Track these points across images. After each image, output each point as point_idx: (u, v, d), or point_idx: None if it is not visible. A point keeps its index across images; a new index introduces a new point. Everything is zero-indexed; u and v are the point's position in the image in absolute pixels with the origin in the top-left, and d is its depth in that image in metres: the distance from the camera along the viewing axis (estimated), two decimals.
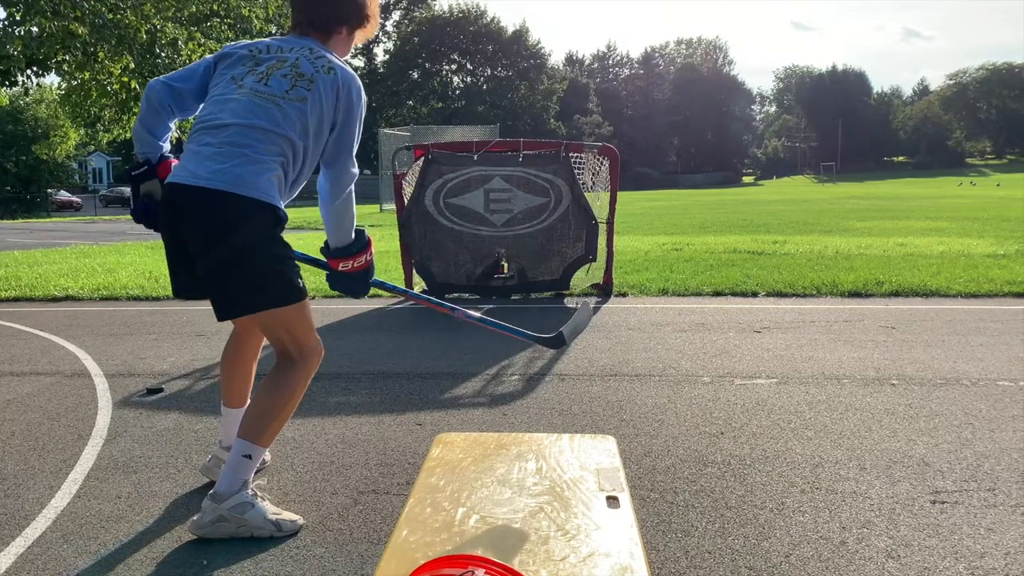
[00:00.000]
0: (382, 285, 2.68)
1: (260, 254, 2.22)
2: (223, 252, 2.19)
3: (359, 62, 66.05)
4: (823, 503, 2.50)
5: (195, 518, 2.30)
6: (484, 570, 1.38)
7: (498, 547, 1.94)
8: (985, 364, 4.24)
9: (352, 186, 2.42)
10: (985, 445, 3.00)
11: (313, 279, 7.37)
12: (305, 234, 14.73)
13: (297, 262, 2.38)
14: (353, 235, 2.44)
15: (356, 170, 2.41)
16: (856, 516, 2.40)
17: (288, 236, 2.40)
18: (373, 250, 2.51)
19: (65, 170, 44.07)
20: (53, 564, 2.18)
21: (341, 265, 2.46)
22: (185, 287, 2.39)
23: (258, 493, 2.33)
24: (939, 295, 6.54)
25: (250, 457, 2.30)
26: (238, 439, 2.31)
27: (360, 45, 2.68)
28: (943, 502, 2.49)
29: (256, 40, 2.44)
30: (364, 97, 2.41)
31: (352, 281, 2.51)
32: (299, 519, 2.38)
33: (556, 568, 1.83)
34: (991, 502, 2.49)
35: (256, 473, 2.73)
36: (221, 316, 2.29)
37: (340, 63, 2.39)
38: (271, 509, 2.34)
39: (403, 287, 2.70)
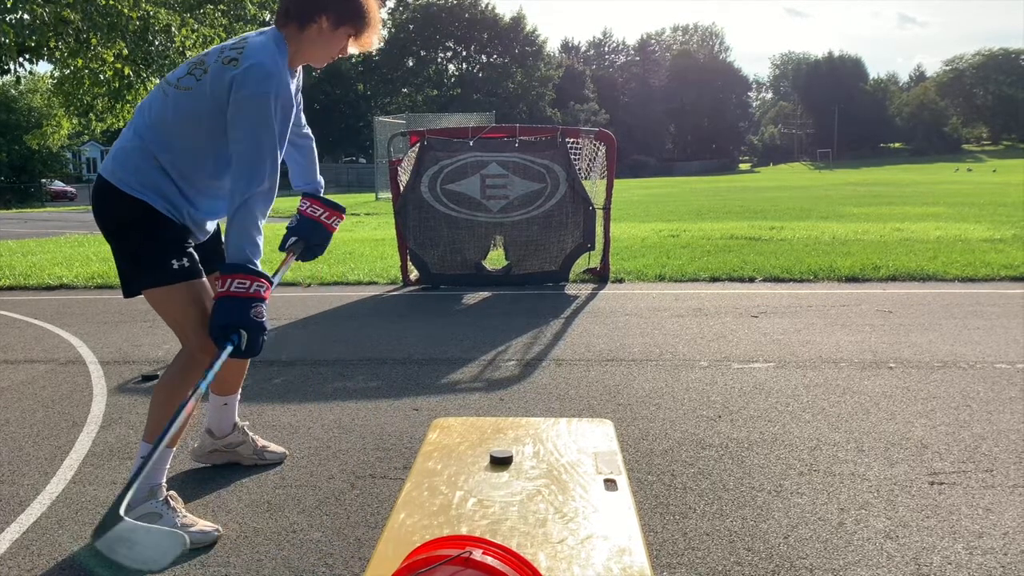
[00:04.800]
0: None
1: (127, 238, 2.19)
2: (105, 232, 2.24)
3: (354, 48, 65.58)
4: (821, 485, 2.50)
5: None
6: (482, 550, 1.37)
7: (496, 529, 1.93)
8: (982, 347, 4.24)
9: (254, 203, 2.08)
10: (983, 427, 3.00)
11: (309, 266, 7.35)
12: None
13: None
14: (248, 254, 2.09)
15: (256, 188, 2.07)
16: (854, 497, 2.40)
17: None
18: (264, 298, 2.10)
19: (58, 160, 43.83)
20: (48, 549, 2.17)
21: (222, 284, 2.09)
22: None
23: (171, 501, 2.21)
24: (936, 279, 6.54)
25: (147, 459, 2.15)
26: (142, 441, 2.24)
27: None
28: (941, 483, 2.49)
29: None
30: (269, 101, 2.04)
31: (219, 309, 2.07)
32: (213, 529, 2.22)
33: (554, 550, 1.82)
34: (989, 483, 2.49)
35: (272, 467, 2.72)
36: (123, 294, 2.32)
37: (260, 59, 2.05)
38: (183, 519, 2.19)
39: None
